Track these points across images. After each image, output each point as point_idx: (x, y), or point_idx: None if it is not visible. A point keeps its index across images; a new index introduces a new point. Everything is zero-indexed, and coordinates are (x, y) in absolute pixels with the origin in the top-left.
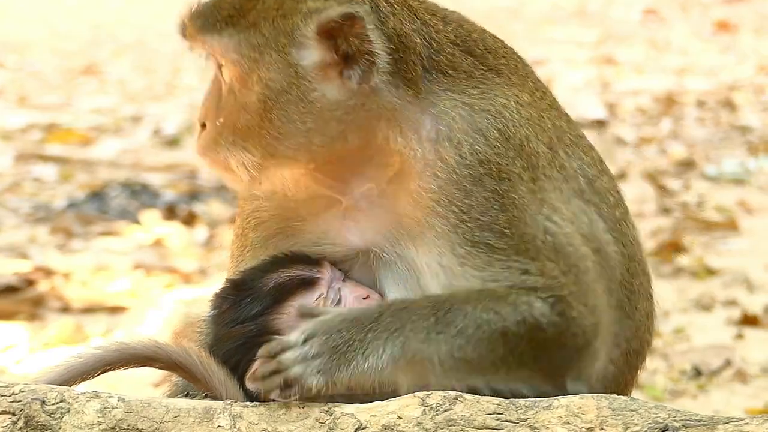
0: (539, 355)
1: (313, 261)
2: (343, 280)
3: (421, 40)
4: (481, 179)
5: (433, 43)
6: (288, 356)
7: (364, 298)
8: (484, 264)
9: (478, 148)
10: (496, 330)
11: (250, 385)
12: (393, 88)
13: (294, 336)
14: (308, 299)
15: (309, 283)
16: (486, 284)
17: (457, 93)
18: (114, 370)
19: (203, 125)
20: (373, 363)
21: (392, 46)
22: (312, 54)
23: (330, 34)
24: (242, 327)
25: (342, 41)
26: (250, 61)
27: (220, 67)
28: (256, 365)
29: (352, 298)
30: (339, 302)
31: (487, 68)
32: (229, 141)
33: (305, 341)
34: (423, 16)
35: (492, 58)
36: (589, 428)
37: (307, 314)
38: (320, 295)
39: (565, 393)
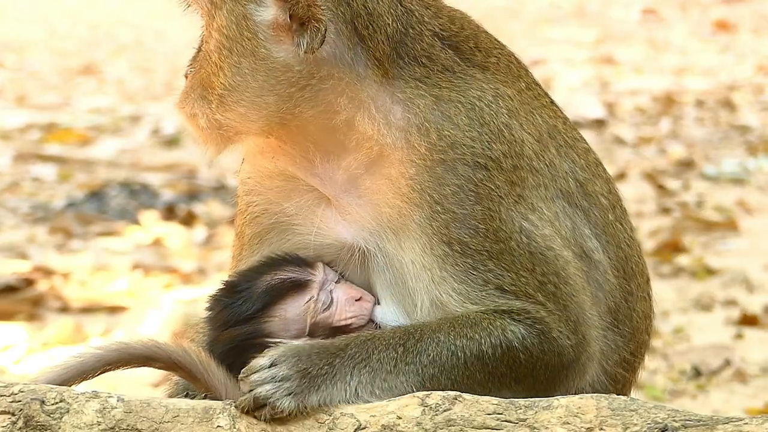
0: (521, 377)
1: (307, 262)
2: (337, 282)
3: (395, 23)
4: (454, 165)
5: (411, 30)
6: (256, 377)
7: (357, 300)
8: (462, 273)
9: (447, 132)
10: (471, 356)
11: (243, 388)
12: (354, 63)
13: (262, 359)
14: (299, 301)
15: (300, 286)
16: (464, 305)
17: (428, 84)
18: (113, 370)
19: (185, 76)
20: (342, 389)
21: (357, 22)
22: (267, 12)
23: None
24: (234, 329)
25: (294, 3)
26: (212, 6)
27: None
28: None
29: (344, 300)
30: (331, 304)
31: (471, 65)
32: (197, 92)
33: (273, 364)
34: (408, 4)
35: (480, 56)
36: (588, 428)
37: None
38: (311, 298)
39: None
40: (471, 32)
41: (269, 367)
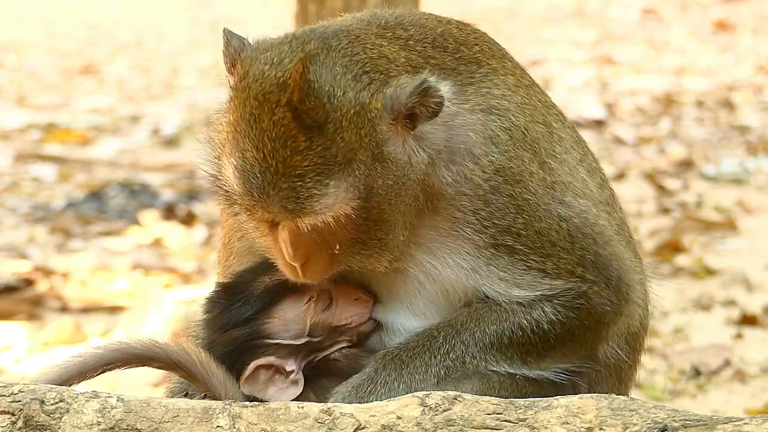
0: (570, 341)
1: None
2: (335, 281)
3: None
4: (498, 188)
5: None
6: None
7: (356, 299)
8: (506, 264)
9: (494, 157)
10: (525, 328)
11: (244, 389)
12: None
13: None
14: (299, 302)
15: (300, 287)
16: (508, 291)
17: (456, 99)
18: (113, 369)
19: (304, 263)
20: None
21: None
22: (397, 139)
23: (401, 115)
24: (234, 331)
25: (418, 110)
26: (365, 190)
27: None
28: (249, 369)
29: (343, 300)
30: (330, 304)
31: (466, 62)
32: (353, 257)
33: None
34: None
35: (466, 50)
36: (588, 428)
37: None
38: (310, 299)
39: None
40: (443, 29)
41: None
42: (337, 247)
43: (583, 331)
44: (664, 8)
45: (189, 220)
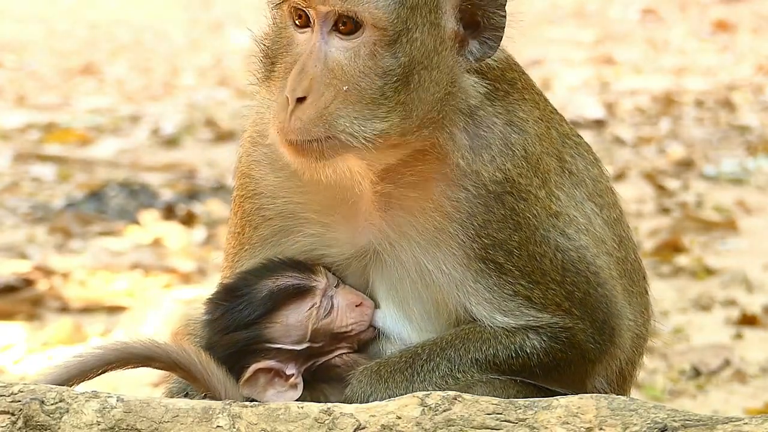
0: (555, 371)
1: (308, 268)
2: (337, 286)
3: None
4: (503, 197)
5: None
6: None
7: (357, 305)
8: (494, 285)
9: (508, 166)
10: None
11: (243, 391)
12: (475, 80)
13: None
14: (302, 308)
15: (303, 292)
16: (492, 314)
17: (492, 102)
18: (113, 369)
19: (299, 100)
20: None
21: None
22: (450, 21)
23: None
24: (235, 334)
25: (478, 11)
26: (401, 23)
27: (327, 32)
28: (249, 371)
29: (345, 305)
30: (332, 310)
31: (502, 81)
32: (353, 110)
33: None
34: None
35: (508, 73)
36: (588, 428)
37: None
38: (313, 305)
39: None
40: None
41: None
42: (346, 87)
43: (569, 365)
44: (664, 8)
45: (189, 220)
